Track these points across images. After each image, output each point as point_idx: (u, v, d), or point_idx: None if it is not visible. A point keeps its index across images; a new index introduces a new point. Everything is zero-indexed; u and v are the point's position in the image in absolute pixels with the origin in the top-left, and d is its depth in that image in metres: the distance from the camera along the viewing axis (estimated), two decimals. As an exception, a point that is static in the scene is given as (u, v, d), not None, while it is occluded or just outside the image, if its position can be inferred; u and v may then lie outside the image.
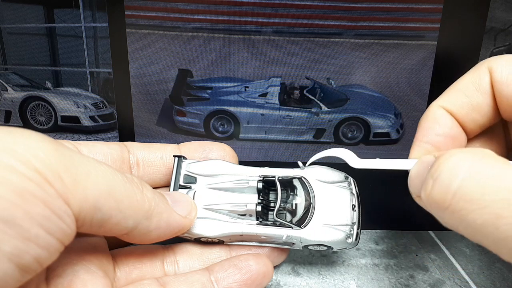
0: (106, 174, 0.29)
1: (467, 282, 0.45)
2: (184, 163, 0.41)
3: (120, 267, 0.37)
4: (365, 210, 0.45)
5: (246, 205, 0.40)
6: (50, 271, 0.31)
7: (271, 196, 0.43)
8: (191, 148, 0.44)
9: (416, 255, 0.49)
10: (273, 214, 0.40)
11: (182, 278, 0.37)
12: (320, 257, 0.48)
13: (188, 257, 0.40)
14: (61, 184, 0.25)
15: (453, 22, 0.48)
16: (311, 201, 0.41)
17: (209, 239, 0.40)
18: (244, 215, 0.40)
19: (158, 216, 0.33)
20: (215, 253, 0.41)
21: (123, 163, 0.39)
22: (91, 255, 0.34)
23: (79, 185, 0.26)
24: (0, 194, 0.22)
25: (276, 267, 0.45)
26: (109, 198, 0.29)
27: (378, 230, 0.55)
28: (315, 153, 0.42)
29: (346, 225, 0.40)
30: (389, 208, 0.55)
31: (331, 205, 0.41)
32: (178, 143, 0.44)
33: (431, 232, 0.54)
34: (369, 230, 0.55)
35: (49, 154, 0.25)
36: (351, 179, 0.44)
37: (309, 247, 0.41)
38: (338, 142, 0.51)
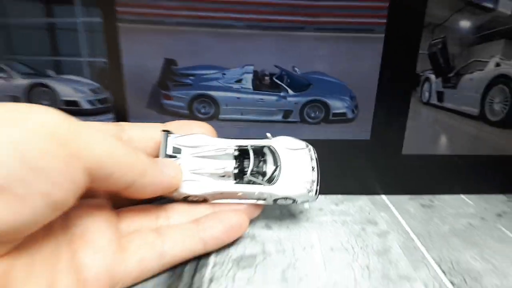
0: (108, 140, 0.35)
1: (407, 232, 0.51)
2: (171, 137, 0.46)
3: (122, 221, 0.42)
4: (328, 177, 0.51)
5: (224, 168, 0.46)
6: (65, 223, 0.36)
7: (245, 162, 0.48)
8: (176, 126, 0.48)
9: (369, 213, 0.56)
10: (247, 175, 0.46)
11: (175, 227, 0.43)
12: (289, 215, 0.54)
13: (178, 214, 0.46)
14: (75, 146, 0.31)
15: (397, 18, 0.54)
16: (278, 164, 0.48)
17: (195, 198, 0.46)
18: (223, 176, 0.46)
19: (151, 175, 0.39)
20: (200, 210, 0.46)
21: (118, 139, 0.43)
22: (98, 211, 0.39)
23: (88, 147, 0.32)
24: (35, 150, 0.28)
25: (251, 222, 0.51)
26: (110, 158, 0.34)
27: (339, 195, 0.62)
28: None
29: (307, 182, 0.47)
30: (348, 175, 0.61)
31: (294, 166, 0.48)
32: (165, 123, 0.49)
33: (383, 196, 0.61)
34: (331, 195, 0.61)
35: (65, 123, 0.31)
36: (310, 147, 0.50)
37: (277, 201, 0.47)
38: (303, 122, 0.57)
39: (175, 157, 0.45)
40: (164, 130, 0.46)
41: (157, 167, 0.41)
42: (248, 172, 0.47)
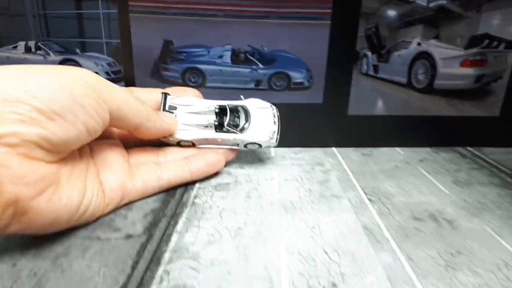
0: (124, 92, 0.50)
1: (345, 170, 0.67)
2: (168, 98, 0.61)
3: (131, 156, 0.57)
4: (290, 134, 0.66)
5: (208, 121, 0.61)
6: (92, 152, 0.51)
7: (224, 117, 0.63)
8: (173, 91, 0.63)
9: (319, 159, 0.71)
10: (225, 126, 0.61)
11: (170, 162, 0.59)
12: (258, 160, 0.70)
13: (172, 153, 0.61)
14: (101, 91, 0.45)
15: (340, 9, 0.69)
16: (248, 118, 0.63)
17: (186, 143, 0.61)
18: (207, 127, 0.61)
19: (154, 120, 0.54)
20: (189, 151, 0.62)
21: None
22: (114, 146, 0.54)
23: (110, 94, 0.47)
24: (78, 91, 0.42)
25: (228, 164, 0.67)
26: (125, 104, 0.49)
27: (299, 148, 0.77)
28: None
29: (270, 132, 0.63)
30: (305, 132, 0.77)
31: (261, 120, 0.63)
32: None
33: (333, 148, 0.77)
34: (292, 148, 0.77)
35: (96, 77, 0.45)
36: (274, 107, 0.66)
37: (248, 146, 0.63)
38: (270, 89, 0.73)
39: (171, 112, 0.60)
40: (163, 92, 0.61)
41: (158, 116, 0.56)
42: (225, 123, 0.62)
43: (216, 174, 0.63)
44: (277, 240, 0.46)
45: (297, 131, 0.75)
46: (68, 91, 0.41)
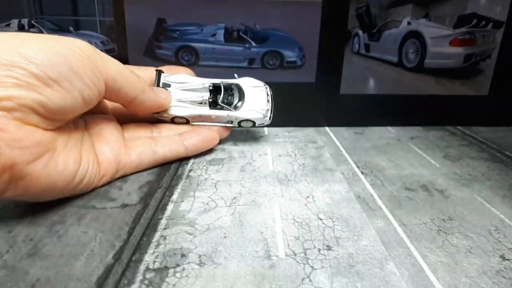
0: (118, 63, 0.49)
1: (338, 146, 0.67)
2: (162, 75, 0.61)
3: (126, 131, 0.57)
4: (283, 113, 0.66)
5: (202, 97, 0.60)
6: (87, 125, 0.51)
7: (218, 96, 0.63)
8: (166, 69, 0.62)
9: (312, 137, 0.71)
10: (219, 102, 0.61)
11: (165, 137, 0.58)
12: (252, 138, 0.70)
13: (167, 129, 0.61)
14: (98, 63, 0.45)
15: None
16: (242, 96, 0.63)
17: (180, 120, 0.61)
18: (201, 103, 0.61)
19: (148, 94, 0.54)
20: (183, 128, 0.61)
21: None
22: (109, 121, 0.54)
23: (106, 65, 0.46)
24: (75, 60, 0.41)
25: (222, 142, 0.66)
26: (121, 75, 0.48)
27: (292, 127, 0.77)
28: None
29: (263, 110, 0.62)
30: (299, 111, 0.76)
31: (254, 99, 0.63)
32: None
33: (326, 128, 0.77)
34: (286, 127, 0.77)
35: (93, 48, 0.45)
36: (267, 86, 0.66)
37: (241, 124, 0.62)
38: (264, 68, 0.72)
39: (165, 88, 0.60)
40: (157, 70, 0.60)
41: (153, 90, 0.56)
42: (219, 100, 0.62)
43: (210, 150, 0.63)
44: (272, 207, 0.46)
45: (290, 110, 0.75)
46: (65, 59, 0.40)
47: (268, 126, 0.65)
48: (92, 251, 0.37)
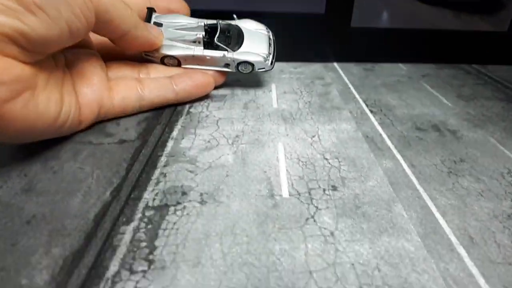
0: None
1: (346, 83, 0.64)
2: (154, 14, 0.54)
3: (110, 69, 0.51)
4: (289, 48, 0.61)
5: (196, 35, 0.54)
6: (69, 62, 0.45)
7: (214, 36, 0.55)
8: (159, 0, 0.56)
9: (319, 73, 0.68)
10: (215, 40, 0.54)
11: (153, 79, 0.52)
12: (255, 75, 0.65)
13: (156, 70, 0.55)
14: None
15: None
16: (241, 38, 0.57)
17: (171, 60, 0.54)
18: (195, 42, 0.54)
19: (141, 29, 0.48)
20: (174, 70, 0.55)
21: None
22: (92, 57, 0.47)
23: None
24: None
25: (224, 86, 0.62)
26: (113, 6, 0.43)
27: (298, 62, 0.73)
28: None
29: (264, 53, 0.56)
30: (306, 46, 0.72)
31: (254, 41, 0.57)
32: None
33: (334, 63, 0.73)
34: (292, 62, 0.72)
35: None
36: (270, 30, 0.60)
37: (239, 67, 0.56)
38: None
39: None
40: (148, 8, 0.54)
41: (146, 26, 0.50)
42: (216, 37, 0.55)
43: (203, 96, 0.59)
44: (275, 146, 0.44)
45: (296, 44, 0.70)
46: None
47: (269, 70, 0.57)
48: (89, 188, 0.35)
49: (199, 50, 0.54)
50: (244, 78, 0.64)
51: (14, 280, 0.26)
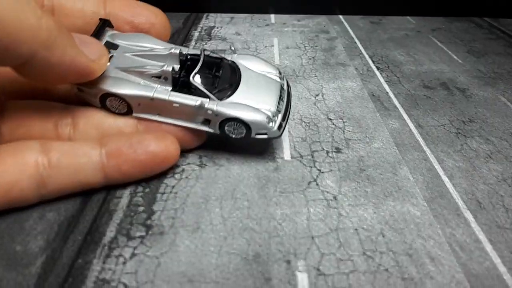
0: None
1: (352, 37, 0.61)
2: (108, 31, 0.36)
3: (6, 123, 0.32)
4: None
5: (163, 67, 0.33)
6: None
7: (192, 72, 0.34)
8: (119, 5, 0.36)
9: (324, 26, 0.65)
10: (190, 79, 0.33)
11: (68, 148, 0.30)
12: (255, 26, 0.63)
13: (86, 122, 0.33)
14: None
15: None
16: (236, 80, 0.36)
17: (116, 104, 0.33)
18: (159, 78, 0.34)
19: (61, 50, 0.27)
20: (118, 124, 0.34)
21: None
22: None
23: None
24: None
25: (222, 29, 0.59)
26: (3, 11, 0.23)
27: (302, 14, 0.69)
28: None
29: (269, 109, 0.34)
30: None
31: (257, 88, 0.36)
32: None
33: (340, 16, 0.69)
34: (295, 15, 0.69)
35: None
36: (284, 76, 0.39)
37: (225, 127, 0.34)
38: None
39: (108, 52, 0.33)
40: (102, 19, 0.35)
41: (72, 43, 0.28)
42: (192, 75, 0.33)
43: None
44: (278, 105, 0.42)
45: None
46: None
47: (278, 137, 0.34)
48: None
49: (163, 92, 0.33)
50: (245, 31, 0.61)
51: (9, 246, 0.25)
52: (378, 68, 0.51)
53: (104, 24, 0.35)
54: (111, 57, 0.33)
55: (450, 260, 0.26)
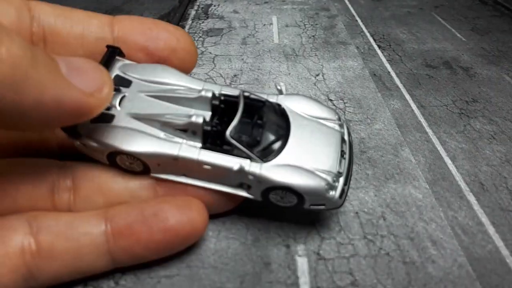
0: None
1: (353, 15, 0.59)
2: (118, 61, 0.27)
3: None
4: None
5: (190, 118, 0.25)
6: None
7: (228, 122, 0.26)
8: (130, 27, 0.27)
9: (324, 3, 0.63)
10: (226, 134, 0.25)
11: (64, 226, 0.24)
12: (253, 3, 0.61)
13: (91, 186, 0.26)
14: None
15: None
16: (284, 132, 0.27)
17: (128, 163, 0.26)
18: (186, 131, 0.26)
19: (37, 87, 0.18)
20: (132, 187, 0.26)
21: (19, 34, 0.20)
22: None
23: None
24: None
25: (220, 6, 0.58)
26: None
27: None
28: None
29: (329, 172, 0.26)
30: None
31: (312, 142, 0.27)
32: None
33: (340, -7, 0.68)
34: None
35: None
36: (344, 123, 0.29)
37: (270, 195, 0.26)
38: None
39: (117, 89, 0.26)
40: (110, 46, 0.27)
41: (55, 73, 0.20)
42: (229, 130, 0.25)
43: (206, 17, 0.55)
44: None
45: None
46: None
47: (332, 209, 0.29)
48: None
49: (190, 150, 0.25)
50: (243, 8, 0.59)
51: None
52: (379, 47, 0.50)
53: (112, 53, 0.27)
54: (122, 97, 0.26)
55: (452, 243, 0.25)
